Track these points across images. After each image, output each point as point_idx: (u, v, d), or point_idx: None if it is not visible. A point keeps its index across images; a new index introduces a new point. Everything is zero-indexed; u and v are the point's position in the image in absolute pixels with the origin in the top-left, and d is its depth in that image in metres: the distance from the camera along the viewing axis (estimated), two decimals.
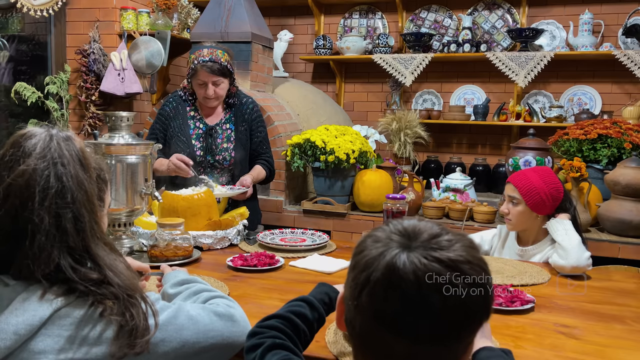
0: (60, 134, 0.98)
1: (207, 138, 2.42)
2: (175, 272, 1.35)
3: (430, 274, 0.71)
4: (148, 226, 1.99)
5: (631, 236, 2.56)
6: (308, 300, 1.07)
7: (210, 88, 2.32)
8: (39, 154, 0.93)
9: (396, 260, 0.72)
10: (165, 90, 3.94)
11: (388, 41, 4.02)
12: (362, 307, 0.74)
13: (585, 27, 3.61)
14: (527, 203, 1.92)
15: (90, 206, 0.97)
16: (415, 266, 0.71)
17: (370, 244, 0.76)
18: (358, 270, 0.76)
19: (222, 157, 2.41)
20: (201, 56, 2.30)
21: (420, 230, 0.76)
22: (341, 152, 2.91)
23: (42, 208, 0.91)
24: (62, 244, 0.92)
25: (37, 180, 0.92)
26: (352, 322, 0.77)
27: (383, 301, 0.72)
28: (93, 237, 0.96)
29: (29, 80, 3.71)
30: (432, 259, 0.72)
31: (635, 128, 2.81)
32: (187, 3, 4.00)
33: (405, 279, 0.71)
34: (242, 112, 2.47)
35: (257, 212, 2.61)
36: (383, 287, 0.72)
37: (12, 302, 0.90)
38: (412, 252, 0.72)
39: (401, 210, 2.01)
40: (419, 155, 3.99)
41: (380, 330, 0.73)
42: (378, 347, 0.75)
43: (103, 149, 1.78)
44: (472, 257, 0.74)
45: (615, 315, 1.42)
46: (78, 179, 0.95)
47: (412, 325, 0.71)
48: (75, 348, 0.89)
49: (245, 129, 2.47)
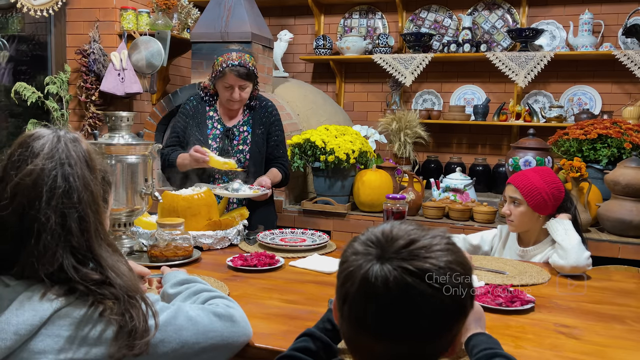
0: (68, 135, 0.99)
1: (224, 139, 2.43)
2: (175, 272, 1.35)
3: (400, 284, 0.75)
4: (148, 226, 1.99)
5: (631, 236, 2.56)
6: (309, 333, 1.08)
7: (236, 91, 2.33)
8: (47, 154, 0.94)
9: (369, 274, 0.77)
10: (165, 90, 3.94)
11: (388, 41, 4.02)
12: (346, 316, 0.81)
13: (585, 27, 3.60)
14: (529, 203, 1.92)
15: (95, 207, 0.98)
16: (386, 277, 0.76)
17: (349, 256, 0.82)
18: (340, 282, 0.82)
19: (237, 159, 2.40)
20: (230, 60, 2.31)
21: (395, 237, 0.80)
22: (341, 152, 2.91)
23: (49, 207, 0.92)
24: (66, 243, 0.93)
25: (44, 180, 0.93)
26: (341, 328, 0.84)
27: (362, 311, 0.78)
28: (97, 237, 0.97)
29: (29, 80, 3.72)
30: (403, 270, 0.76)
31: (635, 128, 2.81)
32: (187, 3, 4.00)
33: (378, 291, 0.76)
34: (261, 115, 2.48)
35: (273, 215, 2.60)
36: (360, 299, 0.78)
37: (13, 302, 0.90)
38: (384, 264, 0.77)
39: (401, 210, 2.00)
40: (419, 155, 3.99)
41: (362, 335, 0.79)
42: (362, 348, 0.82)
43: (103, 149, 1.78)
44: (445, 262, 0.78)
45: (615, 315, 1.42)
46: (84, 179, 0.96)
47: (389, 329, 0.77)
48: (75, 348, 0.90)
49: (263, 132, 2.47)
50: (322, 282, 1.64)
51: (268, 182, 2.33)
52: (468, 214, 2.91)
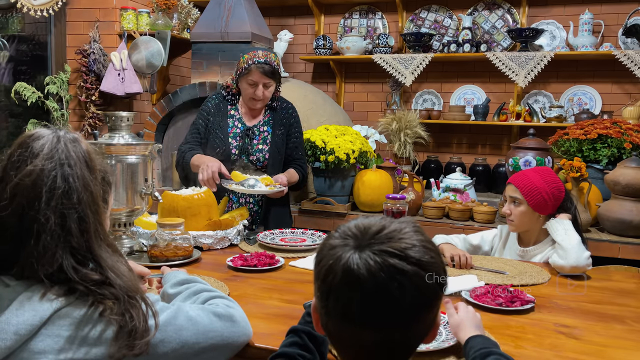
0: (68, 136, 0.99)
1: (244, 138, 2.42)
2: (175, 272, 1.35)
3: (383, 267, 0.77)
4: (148, 226, 1.99)
5: (631, 236, 2.56)
6: (293, 329, 1.09)
7: (260, 89, 2.33)
8: (47, 155, 0.94)
9: (350, 263, 0.79)
10: (165, 90, 3.94)
11: (388, 41, 4.02)
12: (331, 311, 0.82)
13: (585, 27, 3.60)
14: (529, 203, 1.92)
15: (95, 207, 0.98)
16: (368, 264, 0.78)
17: (327, 252, 0.83)
18: (320, 279, 0.83)
19: (256, 158, 2.40)
20: (256, 57, 2.31)
21: (367, 227, 0.83)
22: (341, 152, 2.91)
23: (48, 208, 0.92)
24: (66, 244, 0.93)
25: (44, 181, 0.93)
26: (327, 326, 0.85)
27: (347, 302, 0.79)
28: (97, 238, 0.97)
29: (29, 80, 3.72)
30: (382, 252, 0.78)
31: (635, 128, 2.81)
32: (187, 3, 4.00)
33: (362, 278, 0.78)
34: (281, 117, 2.48)
35: (289, 217, 2.58)
36: (344, 289, 0.79)
37: (13, 303, 0.90)
38: (363, 252, 0.79)
39: (401, 210, 2.00)
40: (419, 155, 3.99)
41: (349, 327, 0.80)
42: (350, 341, 0.83)
43: (103, 149, 1.78)
44: (419, 241, 0.81)
45: (615, 315, 1.42)
46: (84, 180, 0.96)
47: (375, 316, 0.78)
48: (75, 348, 0.90)
49: (282, 132, 2.46)
50: None
51: (284, 180, 2.30)
52: (468, 214, 2.91)
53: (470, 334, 1.07)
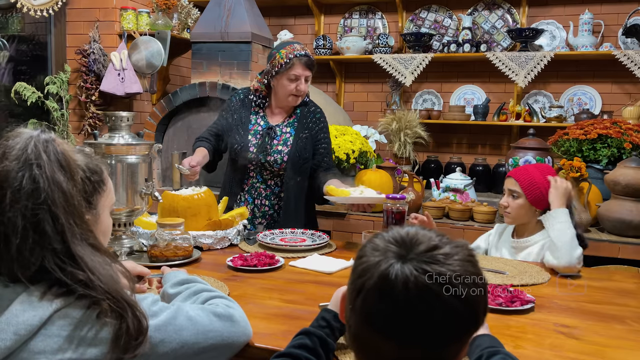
0: (42, 136, 0.97)
1: (264, 136, 2.34)
2: (175, 272, 1.35)
3: (420, 286, 0.75)
4: (148, 226, 1.99)
5: (631, 236, 2.56)
6: (305, 331, 1.09)
7: (303, 83, 2.27)
8: (15, 156, 0.93)
9: (390, 270, 0.77)
10: (165, 90, 3.94)
11: (388, 41, 4.02)
12: (357, 310, 0.80)
13: (585, 27, 3.60)
14: (527, 197, 1.95)
15: (70, 208, 0.95)
16: (407, 277, 0.76)
17: (369, 251, 0.82)
18: (356, 275, 0.82)
19: (274, 159, 2.31)
20: (296, 50, 2.25)
21: (418, 241, 0.80)
22: (341, 152, 2.91)
23: (12, 210, 0.90)
24: (45, 245, 0.91)
25: (9, 182, 0.91)
26: (349, 322, 0.83)
27: (374, 307, 0.77)
28: (73, 238, 0.94)
29: (29, 80, 3.72)
30: (423, 272, 0.76)
31: (635, 128, 2.81)
32: (187, 3, 4.00)
33: (396, 289, 0.76)
34: (308, 120, 2.38)
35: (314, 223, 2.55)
36: (375, 294, 0.77)
37: (13, 303, 0.90)
38: (406, 264, 0.77)
39: (401, 210, 2.00)
40: (419, 155, 3.99)
41: (371, 332, 0.78)
42: (369, 347, 0.81)
43: (103, 149, 1.78)
44: (466, 272, 0.78)
45: (615, 315, 1.42)
46: (54, 180, 0.94)
47: (400, 330, 0.76)
48: (74, 348, 0.89)
49: (307, 136, 2.35)
50: (322, 282, 1.64)
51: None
52: (468, 214, 2.91)
53: (477, 332, 1.06)
